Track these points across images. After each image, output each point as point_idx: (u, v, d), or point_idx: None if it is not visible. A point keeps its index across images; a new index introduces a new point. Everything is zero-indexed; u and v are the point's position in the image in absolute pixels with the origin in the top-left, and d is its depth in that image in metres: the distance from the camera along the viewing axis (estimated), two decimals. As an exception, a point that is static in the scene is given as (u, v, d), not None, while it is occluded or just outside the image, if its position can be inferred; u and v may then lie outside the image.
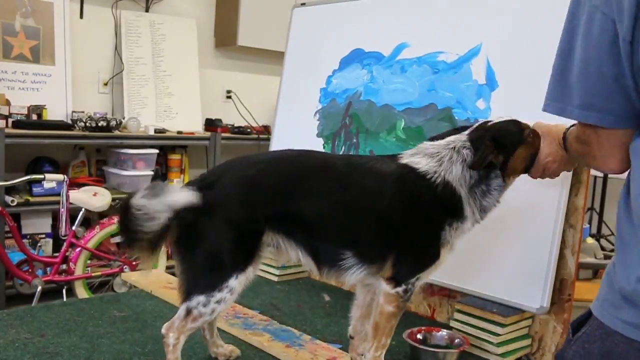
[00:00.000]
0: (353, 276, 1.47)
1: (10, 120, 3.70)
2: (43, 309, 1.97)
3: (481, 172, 1.44)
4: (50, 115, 3.95)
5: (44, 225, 3.88)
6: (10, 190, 3.62)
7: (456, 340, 1.70)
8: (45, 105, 3.91)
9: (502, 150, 1.43)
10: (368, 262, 1.46)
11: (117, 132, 4.01)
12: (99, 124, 3.86)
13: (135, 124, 4.18)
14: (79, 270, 3.47)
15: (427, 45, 2.10)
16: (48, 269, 3.41)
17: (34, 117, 3.84)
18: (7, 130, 3.51)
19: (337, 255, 1.45)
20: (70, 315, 1.91)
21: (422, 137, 2.06)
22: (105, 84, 4.43)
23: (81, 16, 4.27)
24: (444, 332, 1.74)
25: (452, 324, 1.83)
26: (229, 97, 5.01)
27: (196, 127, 4.60)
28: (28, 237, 3.78)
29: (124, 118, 4.25)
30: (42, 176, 3.35)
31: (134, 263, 3.59)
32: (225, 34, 4.83)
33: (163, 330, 1.49)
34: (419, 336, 1.74)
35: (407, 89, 2.15)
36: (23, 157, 3.90)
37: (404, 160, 1.48)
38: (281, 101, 2.63)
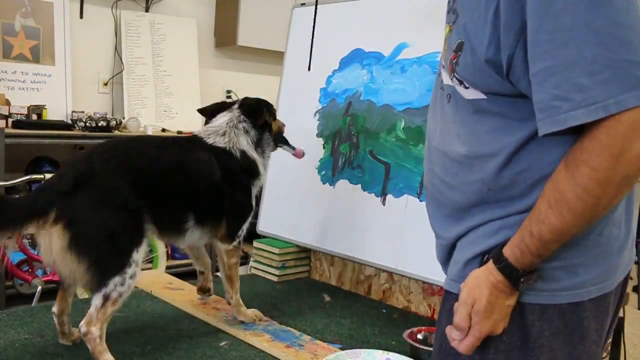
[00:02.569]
0: (190, 237, 1.79)
1: (10, 120, 3.69)
2: (43, 309, 1.97)
3: (257, 135, 1.91)
4: (50, 115, 3.94)
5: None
6: (10, 190, 3.61)
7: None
8: (45, 105, 3.91)
9: (270, 114, 1.96)
10: (204, 223, 1.79)
11: (117, 132, 4.00)
12: (99, 124, 3.86)
13: (135, 124, 4.17)
14: (79, 270, 3.46)
15: (427, 45, 2.10)
16: (48, 269, 3.41)
17: (34, 117, 3.84)
18: (7, 130, 3.51)
19: (180, 219, 1.74)
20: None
21: (422, 137, 2.06)
22: (105, 84, 4.42)
23: (81, 16, 4.26)
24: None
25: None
26: (229, 97, 5.00)
27: (196, 127, 4.58)
28: (28, 237, 3.77)
29: (124, 118, 4.24)
30: (42, 176, 3.33)
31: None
32: (225, 34, 4.83)
33: (83, 329, 1.55)
34: (419, 336, 1.74)
35: (407, 89, 2.15)
36: (23, 157, 3.89)
37: (209, 141, 1.84)
38: (281, 101, 2.63)
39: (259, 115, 1.91)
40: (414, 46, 2.17)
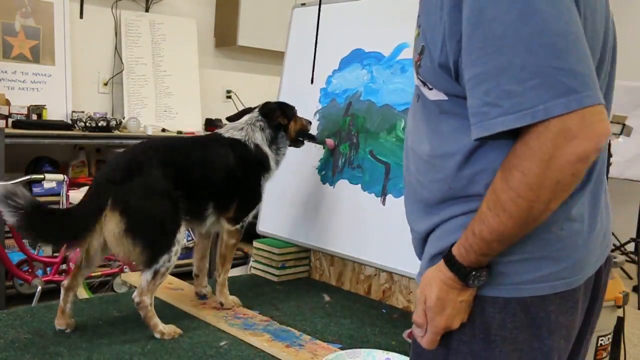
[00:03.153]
0: (209, 222, 2.01)
1: (10, 120, 3.69)
2: (43, 309, 1.97)
3: (272, 134, 2.11)
4: (50, 115, 3.94)
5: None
6: (10, 190, 3.61)
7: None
8: (45, 105, 3.90)
9: (285, 116, 2.16)
10: (220, 210, 2.00)
11: (117, 132, 4.00)
12: (99, 124, 3.86)
13: (135, 124, 4.17)
14: (78, 270, 3.46)
15: (427, 45, 2.10)
16: (48, 269, 3.40)
17: (34, 117, 3.83)
18: (7, 130, 3.50)
19: (203, 207, 1.96)
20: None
21: (422, 137, 2.06)
22: (105, 84, 4.42)
23: (81, 16, 4.26)
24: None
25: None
26: (229, 97, 5.01)
27: (196, 127, 4.59)
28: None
29: (124, 118, 4.24)
30: (42, 176, 3.34)
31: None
32: (225, 34, 4.83)
33: (136, 299, 1.79)
34: (419, 336, 1.74)
35: (407, 89, 2.15)
36: (23, 157, 3.89)
37: (227, 135, 2.06)
38: (281, 101, 2.63)
39: (272, 116, 2.13)
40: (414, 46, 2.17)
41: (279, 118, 2.13)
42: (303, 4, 2.67)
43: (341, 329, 1.96)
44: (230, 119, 2.22)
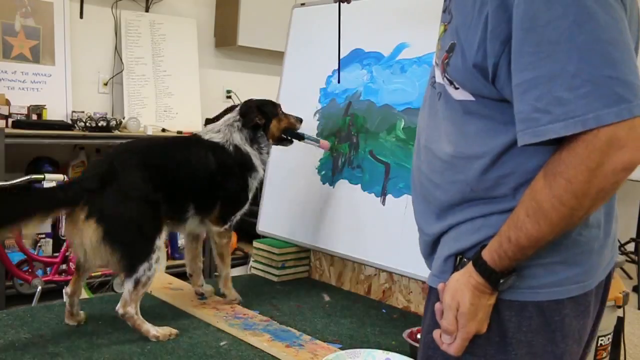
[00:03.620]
0: (191, 224, 1.99)
1: (10, 120, 3.69)
2: (43, 309, 1.97)
3: (251, 133, 2.06)
4: (50, 115, 3.94)
5: (44, 225, 3.87)
6: (10, 191, 3.61)
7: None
8: (45, 105, 3.90)
9: (264, 115, 2.09)
10: (202, 211, 1.97)
11: (117, 132, 4.00)
12: (99, 124, 3.86)
13: (135, 124, 4.17)
14: (79, 270, 3.46)
15: (427, 45, 2.10)
16: (48, 269, 3.41)
17: (34, 117, 3.83)
18: (7, 130, 3.50)
19: (183, 209, 1.92)
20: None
21: (422, 137, 2.06)
22: (105, 84, 4.42)
23: (81, 16, 4.26)
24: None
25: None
26: (229, 97, 5.01)
27: (196, 127, 4.59)
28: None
29: (124, 118, 4.24)
30: (42, 176, 3.34)
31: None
32: (225, 34, 4.83)
33: (120, 311, 1.76)
34: (419, 336, 1.74)
35: (407, 89, 2.15)
36: (23, 157, 3.89)
37: (206, 137, 2.03)
38: (281, 101, 2.62)
39: (249, 117, 2.07)
40: (414, 46, 2.17)
41: (255, 118, 2.07)
42: (303, 4, 2.67)
43: (341, 329, 1.96)
44: (210, 121, 2.18)
